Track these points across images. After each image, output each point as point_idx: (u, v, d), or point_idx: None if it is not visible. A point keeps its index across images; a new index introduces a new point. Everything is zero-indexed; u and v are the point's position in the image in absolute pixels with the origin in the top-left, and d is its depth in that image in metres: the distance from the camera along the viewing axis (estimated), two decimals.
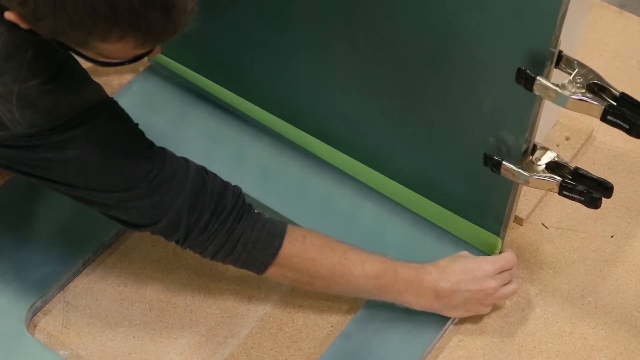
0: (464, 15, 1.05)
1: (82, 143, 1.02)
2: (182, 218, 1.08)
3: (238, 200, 1.11)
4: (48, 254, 1.27)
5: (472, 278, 1.18)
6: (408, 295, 1.18)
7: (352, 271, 1.15)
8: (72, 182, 1.05)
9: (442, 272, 1.18)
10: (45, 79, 0.99)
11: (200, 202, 1.08)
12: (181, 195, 1.07)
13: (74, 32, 0.89)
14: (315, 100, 1.33)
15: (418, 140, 1.25)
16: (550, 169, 1.15)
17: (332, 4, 1.18)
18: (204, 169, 1.11)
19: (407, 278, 1.17)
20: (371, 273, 1.16)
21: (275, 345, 1.22)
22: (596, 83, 1.04)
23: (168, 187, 1.07)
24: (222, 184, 1.12)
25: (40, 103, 0.99)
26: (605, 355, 1.21)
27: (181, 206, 1.07)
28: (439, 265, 1.19)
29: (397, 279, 1.17)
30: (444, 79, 1.14)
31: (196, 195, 1.08)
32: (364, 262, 1.16)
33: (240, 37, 1.34)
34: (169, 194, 1.07)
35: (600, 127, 1.40)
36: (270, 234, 1.12)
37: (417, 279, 1.17)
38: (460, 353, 1.21)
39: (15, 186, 1.35)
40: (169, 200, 1.07)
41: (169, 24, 0.91)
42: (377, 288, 1.17)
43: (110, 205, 1.07)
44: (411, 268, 1.18)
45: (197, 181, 1.08)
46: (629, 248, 1.31)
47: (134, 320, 1.24)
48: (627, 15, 1.61)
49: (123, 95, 1.47)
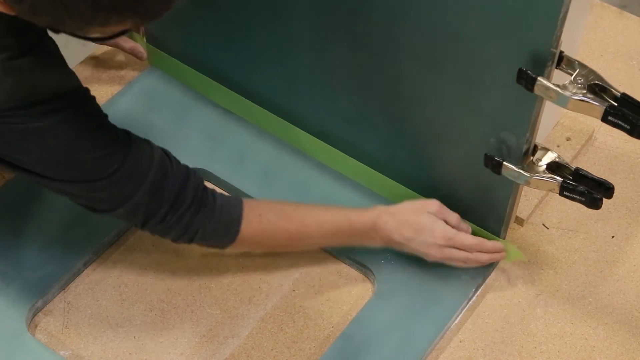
0: (464, 16, 1.05)
1: (44, 132, 1.02)
2: (140, 208, 1.11)
3: (197, 193, 1.14)
4: (49, 254, 1.27)
5: (422, 241, 1.21)
6: (363, 242, 1.24)
7: (311, 235, 1.22)
8: (32, 169, 1.06)
9: (398, 225, 1.21)
10: (11, 55, 0.97)
11: (159, 196, 1.11)
12: (141, 187, 1.09)
13: (73, 23, 0.90)
14: (315, 101, 1.33)
15: (418, 140, 1.25)
16: (551, 170, 1.15)
17: (332, 4, 1.18)
18: (168, 158, 1.13)
19: (363, 230, 1.22)
20: (329, 233, 1.22)
21: (276, 345, 1.22)
22: (597, 84, 1.04)
23: (129, 180, 1.09)
24: (183, 176, 1.13)
25: (3, 79, 0.97)
26: (606, 356, 1.21)
27: (140, 198, 1.10)
28: (397, 217, 1.21)
29: (353, 232, 1.22)
30: (445, 79, 1.14)
31: (156, 189, 1.10)
32: (321, 226, 1.21)
33: (241, 37, 1.34)
34: (129, 186, 1.09)
35: (601, 127, 1.40)
36: (227, 224, 1.17)
37: (373, 229, 1.22)
38: (461, 354, 1.21)
39: (15, 186, 1.34)
40: (129, 192, 1.09)
41: (165, 4, 0.93)
42: (335, 242, 1.25)
43: (72, 193, 1.10)
44: (367, 221, 1.21)
45: (159, 174, 1.11)
46: (629, 249, 1.31)
47: (134, 321, 1.24)
48: (628, 15, 1.61)
49: (123, 95, 1.47)
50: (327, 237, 1.23)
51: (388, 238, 1.22)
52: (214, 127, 1.44)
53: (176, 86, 1.49)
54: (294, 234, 1.21)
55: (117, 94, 1.47)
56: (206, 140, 1.42)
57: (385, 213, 1.22)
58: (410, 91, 1.19)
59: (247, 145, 1.41)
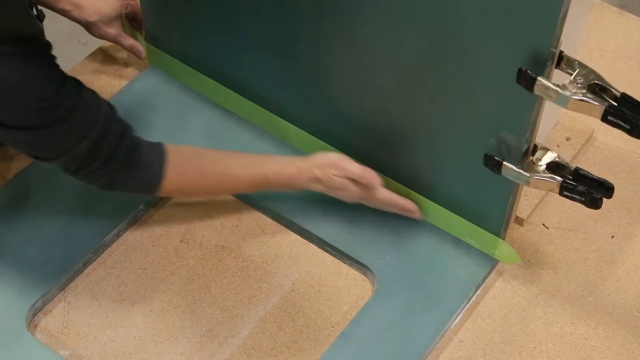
0: (464, 16, 1.05)
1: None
2: (76, 160, 1.15)
3: (130, 153, 1.18)
4: (49, 254, 1.27)
5: (338, 195, 1.29)
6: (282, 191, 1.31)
7: (229, 190, 1.33)
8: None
9: (312, 182, 1.27)
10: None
11: (96, 152, 1.15)
12: (82, 143, 1.13)
13: None
14: (315, 100, 1.33)
15: (418, 140, 1.25)
16: (551, 170, 1.15)
17: (332, 4, 1.18)
18: (112, 115, 1.17)
19: (280, 186, 1.29)
20: (246, 188, 1.30)
21: (276, 345, 1.22)
22: (597, 83, 1.04)
23: (71, 133, 1.13)
24: (121, 135, 1.17)
25: None
26: (605, 356, 1.21)
27: (79, 152, 1.14)
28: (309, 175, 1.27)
29: (270, 187, 1.29)
30: (445, 79, 1.14)
31: (94, 146, 1.14)
32: (239, 182, 1.28)
33: (241, 37, 1.34)
34: (71, 140, 1.13)
35: (601, 127, 1.40)
36: (150, 180, 1.22)
37: (289, 184, 1.28)
38: (460, 353, 1.21)
39: (15, 186, 1.35)
40: (69, 145, 1.14)
41: None
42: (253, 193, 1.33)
43: (15, 139, 1.14)
44: (283, 179, 1.27)
45: (100, 132, 1.14)
46: (629, 248, 1.31)
47: (134, 321, 1.24)
48: (628, 15, 1.61)
49: (123, 95, 1.47)
50: (243, 190, 1.32)
51: (305, 190, 1.29)
52: (214, 127, 1.44)
53: (176, 86, 1.49)
54: (213, 189, 1.31)
55: (116, 93, 1.48)
56: (206, 140, 1.42)
57: (299, 171, 1.27)
58: (410, 91, 1.19)
59: (247, 145, 1.41)
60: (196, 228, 1.33)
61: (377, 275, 1.27)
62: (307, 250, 1.31)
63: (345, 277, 1.29)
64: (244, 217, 1.35)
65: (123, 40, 1.46)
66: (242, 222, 1.34)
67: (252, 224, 1.34)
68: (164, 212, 1.35)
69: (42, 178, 1.35)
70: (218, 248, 1.31)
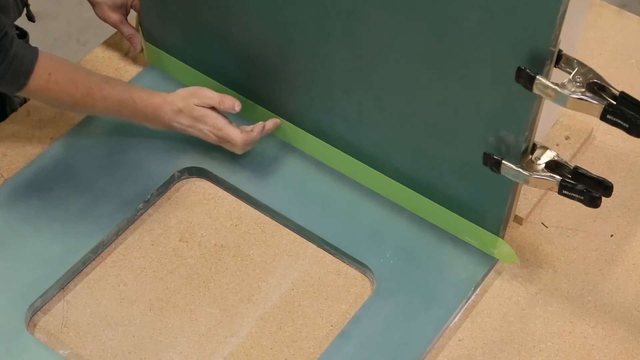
0: (463, 15, 1.05)
1: None
2: None
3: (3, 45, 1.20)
4: (47, 253, 1.27)
5: (199, 129, 1.32)
6: (146, 123, 1.33)
7: (95, 106, 1.30)
8: None
9: (175, 114, 1.31)
10: None
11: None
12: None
13: None
14: (314, 99, 1.33)
15: (417, 139, 1.25)
16: (550, 168, 1.15)
17: (332, 3, 1.18)
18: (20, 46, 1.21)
19: (145, 114, 1.31)
20: (112, 108, 1.30)
21: (275, 344, 1.22)
22: (596, 82, 1.04)
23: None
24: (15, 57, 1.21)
25: None
26: (604, 355, 1.21)
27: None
28: (174, 107, 1.30)
29: (136, 113, 1.31)
30: (444, 78, 1.14)
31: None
32: (106, 99, 1.29)
33: (239, 36, 1.34)
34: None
35: (600, 126, 1.40)
36: (16, 73, 1.22)
37: (154, 114, 1.31)
38: (459, 352, 1.21)
39: (15, 186, 1.34)
40: None
41: None
42: (119, 116, 1.34)
43: None
44: (149, 106, 1.30)
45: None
46: (628, 247, 1.32)
47: (133, 320, 1.24)
48: (627, 14, 1.61)
49: None
50: (110, 111, 1.32)
51: (169, 125, 1.32)
52: None
53: (175, 85, 1.48)
54: (79, 100, 1.28)
55: None
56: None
57: (165, 102, 1.30)
58: (409, 90, 1.19)
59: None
60: (195, 227, 1.33)
61: (376, 274, 1.27)
62: (306, 250, 1.31)
63: (345, 276, 1.29)
64: (243, 216, 1.35)
65: (124, 27, 1.47)
66: (241, 221, 1.34)
67: (252, 223, 1.34)
68: (164, 211, 1.35)
69: (41, 177, 1.35)
70: (217, 247, 1.31)
